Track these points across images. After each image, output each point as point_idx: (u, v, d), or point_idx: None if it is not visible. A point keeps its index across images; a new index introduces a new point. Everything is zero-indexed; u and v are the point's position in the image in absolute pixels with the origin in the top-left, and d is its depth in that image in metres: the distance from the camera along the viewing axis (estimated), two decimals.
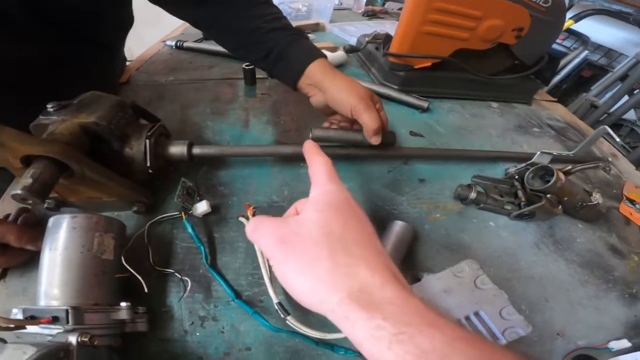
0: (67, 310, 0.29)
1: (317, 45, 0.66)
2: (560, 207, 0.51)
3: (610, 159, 0.71)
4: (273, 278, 0.36)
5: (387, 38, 0.78)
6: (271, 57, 0.54)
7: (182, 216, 0.41)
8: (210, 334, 0.36)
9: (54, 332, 0.30)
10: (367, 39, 0.84)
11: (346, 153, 0.52)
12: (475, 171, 0.55)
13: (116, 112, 0.42)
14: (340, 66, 0.83)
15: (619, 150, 0.78)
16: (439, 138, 0.62)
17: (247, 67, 0.70)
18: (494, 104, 0.75)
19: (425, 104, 0.64)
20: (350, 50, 0.84)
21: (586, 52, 1.46)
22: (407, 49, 0.65)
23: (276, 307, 0.33)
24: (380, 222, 0.46)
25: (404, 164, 0.56)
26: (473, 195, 0.49)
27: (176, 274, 0.39)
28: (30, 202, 0.33)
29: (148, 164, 0.43)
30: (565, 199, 0.51)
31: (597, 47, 1.64)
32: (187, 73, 0.78)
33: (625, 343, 0.44)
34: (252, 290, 0.39)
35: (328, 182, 0.30)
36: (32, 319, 0.30)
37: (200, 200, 0.43)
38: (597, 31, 1.70)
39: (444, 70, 0.69)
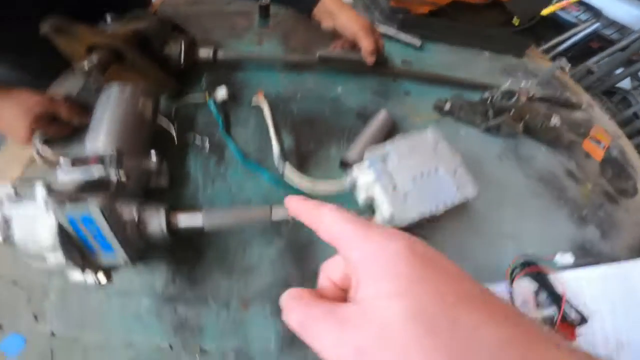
0: (112, 154, 0.38)
1: None
2: (522, 123, 0.59)
3: (584, 106, 0.78)
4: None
5: None
6: None
7: (205, 99, 0.52)
8: (219, 190, 0.48)
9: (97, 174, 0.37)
10: None
11: (346, 68, 0.63)
12: (456, 95, 0.64)
13: (158, 22, 0.53)
14: None
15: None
16: (427, 68, 0.70)
17: (262, 5, 0.79)
18: (486, 53, 0.82)
19: (418, 43, 0.72)
20: None
21: (597, 24, 1.48)
22: None
23: (275, 159, 0.44)
24: (369, 115, 0.56)
25: (393, 80, 0.66)
26: (448, 106, 0.59)
27: (197, 134, 0.50)
28: (92, 75, 0.44)
29: (182, 61, 0.53)
30: (527, 117, 0.59)
31: (612, 23, 1.65)
32: (207, 6, 0.87)
33: (569, 258, 0.53)
34: (259, 155, 0.50)
35: (364, 240, 0.19)
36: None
37: (220, 89, 0.54)
38: (613, 7, 1.71)
39: (440, 17, 0.77)
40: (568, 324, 0.51)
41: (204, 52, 0.56)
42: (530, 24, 0.80)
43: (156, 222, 0.35)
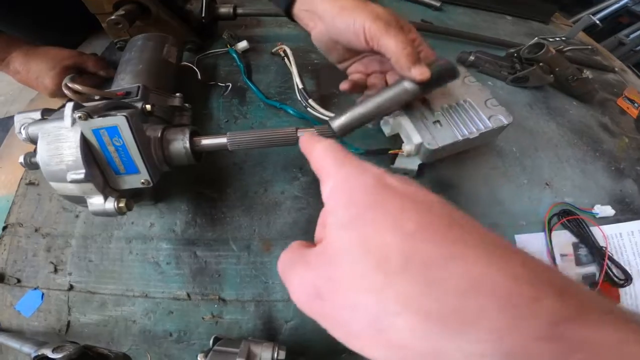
0: (138, 87, 0.38)
1: None
2: (551, 75, 0.56)
3: (616, 69, 0.75)
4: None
5: None
6: None
7: (227, 48, 0.52)
8: (241, 127, 0.47)
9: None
10: None
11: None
12: (480, 50, 0.61)
13: None
14: None
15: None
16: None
17: None
18: (509, 17, 0.80)
19: (437, 3, 0.71)
20: None
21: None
22: None
23: (298, 94, 0.43)
24: None
25: None
26: (472, 58, 0.56)
27: (219, 83, 0.49)
28: (121, 25, 0.44)
29: (203, 16, 0.53)
30: (557, 69, 0.56)
31: None
32: None
33: (609, 210, 0.50)
34: (279, 97, 0.49)
35: (337, 168, 0.18)
36: None
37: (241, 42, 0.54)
38: None
39: None
40: (611, 283, 0.47)
41: (225, 9, 0.56)
42: None
43: (180, 139, 0.34)
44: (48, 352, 0.31)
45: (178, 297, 0.39)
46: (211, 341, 0.32)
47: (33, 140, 0.32)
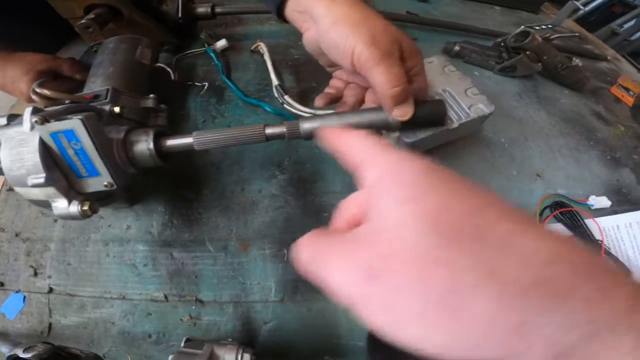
0: (107, 89, 0.38)
1: None
2: (540, 64, 0.55)
3: (609, 57, 0.73)
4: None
5: None
6: None
7: (204, 47, 0.52)
8: (218, 126, 0.47)
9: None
10: None
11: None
12: (466, 40, 0.60)
13: None
14: None
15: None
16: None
17: None
18: (497, 7, 0.78)
19: None
20: None
21: None
22: None
23: (275, 90, 0.42)
24: None
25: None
26: (457, 48, 0.55)
27: (196, 83, 0.49)
28: (91, 30, 0.44)
29: (179, 15, 0.53)
30: (545, 57, 0.55)
31: None
32: None
33: (605, 201, 0.48)
34: (258, 94, 0.48)
35: (385, 155, 0.17)
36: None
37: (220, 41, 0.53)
38: None
39: None
40: None
41: (202, 8, 0.55)
42: None
43: (143, 140, 0.33)
44: (19, 352, 0.31)
45: (156, 298, 0.39)
46: (182, 343, 0.32)
47: None
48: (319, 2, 0.31)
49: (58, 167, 0.31)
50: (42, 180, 0.30)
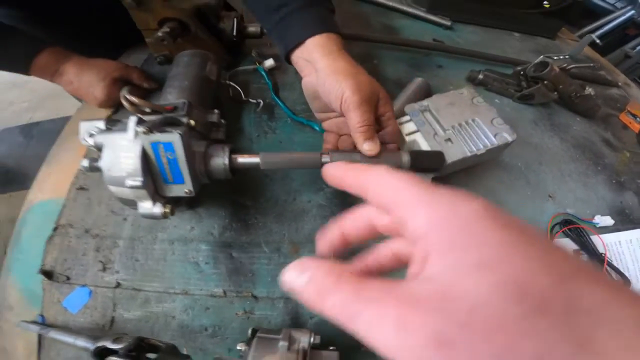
0: (184, 102, 0.42)
1: None
2: (555, 92, 0.61)
3: (620, 84, 0.79)
4: None
5: None
6: (282, 12, 0.44)
7: (256, 65, 0.57)
8: (270, 142, 0.52)
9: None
10: None
11: None
12: (488, 68, 0.66)
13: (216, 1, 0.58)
14: None
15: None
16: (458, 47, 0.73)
17: None
18: (516, 34, 0.84)
19: (448, 22, 0.75)
20: None
21: (632, 12, 1.46)
22: None
23: None
24: (404, 84, 0.59)
25: (425, 56, 0.68)
26: (481, 76, 0.61)
27: (250, 99, 0.54)
28: (165, 42, 0.49)
29: (234, 34, 0.58)
30: (561, 87, 0.61)
31: None
32: None
33: (609, 220, 0.54)
34: (305, 114, 0.54)
35: (429, 196, 0.16)
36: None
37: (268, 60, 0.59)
38: None
39: None
40: None
41: (253, 27, 0.61)
42: (561, 5, 0.82)
43: (221, 156, 0.38)
44: (107, 344, 0.34)
45: (215, 294, 0.43)
46: (249, 332, 0.37)
47: (98, 148, 0.37)
48: (323, 57, 0.41)
49: (150, 172, 0.36)
50: (139, 184, 0.34)
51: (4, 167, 1.71)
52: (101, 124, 0.37)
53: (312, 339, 0.33)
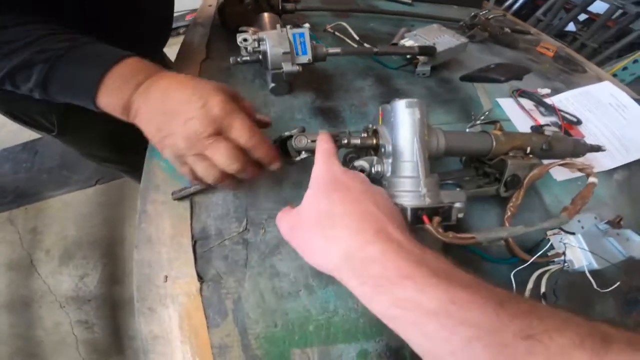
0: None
1: None
2: (487, 33, 0.94)
3: (531, 32, 1.15)
4: None
5: None
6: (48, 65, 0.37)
7: None
8: None
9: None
10: None
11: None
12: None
13: None
14: None
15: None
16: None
17: None
18: (455, 7, 1.18)
19: (409, 1, 1.08)
20: None
21: None
22: None
23: None
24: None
25: (400, 20, 1.00)
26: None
27: None
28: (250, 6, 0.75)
29: (280, 8, 0.84)
30: (488, 28, 0.94)
31: None
32: None
33: (547, 90, 0.84)
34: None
35: (318, 165, 0.33)
36: None
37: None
38: None
39: None
40: (570, 124, 0.67)
41: (289, 4, 0.87)
42: None
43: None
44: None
45: None
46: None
47: (261, 40, 0.57)
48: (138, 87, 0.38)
49: (291, 48, 0.57)
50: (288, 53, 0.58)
51: (14, 184, 1.75)
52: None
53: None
